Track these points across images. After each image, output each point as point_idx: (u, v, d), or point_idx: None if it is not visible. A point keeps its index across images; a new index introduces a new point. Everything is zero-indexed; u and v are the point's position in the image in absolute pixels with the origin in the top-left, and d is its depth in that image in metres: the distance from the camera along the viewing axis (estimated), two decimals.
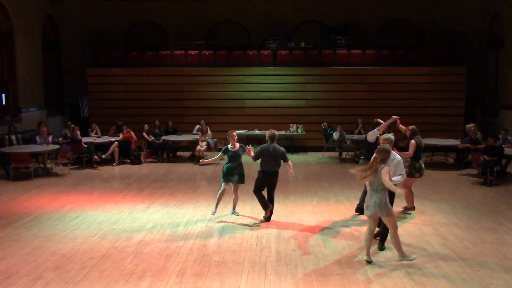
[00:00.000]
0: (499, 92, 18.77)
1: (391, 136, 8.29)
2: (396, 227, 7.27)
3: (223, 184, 9.60)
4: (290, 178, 9.57)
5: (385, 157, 7.17)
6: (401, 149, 10.53)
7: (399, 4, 20.15)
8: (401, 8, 20.16)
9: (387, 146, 7.53)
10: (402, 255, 7.33)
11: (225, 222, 9.41)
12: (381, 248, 7.82)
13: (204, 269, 7.08)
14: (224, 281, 6.67)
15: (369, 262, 7.23)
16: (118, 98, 18.53)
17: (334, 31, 19.96)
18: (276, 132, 9.61)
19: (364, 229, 8.56)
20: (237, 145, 9.66)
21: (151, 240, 8.33)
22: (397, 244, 7.29)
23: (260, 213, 9.61)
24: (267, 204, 9.33)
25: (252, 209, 10.11)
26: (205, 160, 10.61)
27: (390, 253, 7.68)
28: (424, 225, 9.16)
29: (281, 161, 9.35)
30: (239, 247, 8.00)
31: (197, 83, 18.45)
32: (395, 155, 7.77)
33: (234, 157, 9.51)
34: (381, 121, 9.69)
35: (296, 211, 10.21)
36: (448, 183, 12.87)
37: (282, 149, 9.40)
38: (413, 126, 9.90)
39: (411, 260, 7.30)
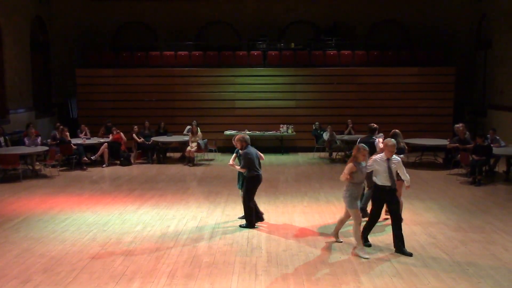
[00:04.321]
0: (487, 92, 18.93)
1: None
2: (359, 221, 7.70)
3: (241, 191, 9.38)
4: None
5: (354, 154, 7.76)
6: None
7: (388, 4, 20.24)
8: (390, 9, 20.25)
9: (362, 145, 7.81)
10: (359, 249, 7.66)
11: (215, 223, 9.39)
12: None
13: (194, 270, 7.07)
14: (214, 282, 6.67)
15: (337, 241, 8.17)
16: (107, 99, 18.42)
17: (324, 32, 20.01)
18: None
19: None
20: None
21: (141, 242, 8.31)
22: (357, 236, 7.70)
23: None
24: (254, 223, 9.16)
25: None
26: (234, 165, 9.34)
27: (380, 253, 7.73)
28: (413, 225, 9.22)
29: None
30: (229, 248, 7.99)
31: (187, 84, 18.40)
32: (396, 158, 7.88)
33: None
34: (377, 126, 9.91)
35: (287, 211, 10.22)
36: (437, 183, 12.95)
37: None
38: (394, 130, 9.80)
39: (364, 258, 7.51)
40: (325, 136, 16.58)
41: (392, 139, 8.04)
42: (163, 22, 20.44)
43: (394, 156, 7.82)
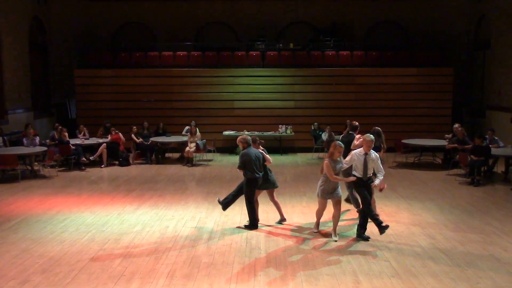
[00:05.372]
0: (485, 93, 18.95)
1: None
2: (321, 209, 8.57)
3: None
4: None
5: (331, 151, 8.27)
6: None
7: (387, 5, 20.27)
8: (388, 10, 20.28)
9: (338, 142, 8.41)
10: (315, 227, 8.77)
11: (214, 223, 9.39)
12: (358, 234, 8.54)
13: (193, 270, 7.06)
14: (213, 282, 6.66)
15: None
16: (106, 100, 18.40)
17: (323, 32, 20.02)
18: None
19: (354, 229, 8.64)
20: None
21: (140, 242, 8.30)
22: (318, 217, 8.74)
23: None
24: (257, 222, 9.10)
25: (242, 211, 10.07)
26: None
27: (379, 253, 7.73)
28: (412, 225, 9.22)
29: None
30: (228, 248, 7.99)
31: (185, 84, 18.39)
32: (374, 153, 8.39)
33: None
34: (358, 124, 10.41)
35: (285, 211, 10.18)
36: (436, 183, 12.95)
37: (259, 151, 9.17)
38: (376, 127, 9.97)
39: (314, 231, 8.70)
40: (324, 136, 16.57)
41: (371, 135, 8.47)
42: (162, 22, 20.44)
43: (372, 151, 8.28)
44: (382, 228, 8.24)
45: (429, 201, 11.05)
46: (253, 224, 9.04)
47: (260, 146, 9.30)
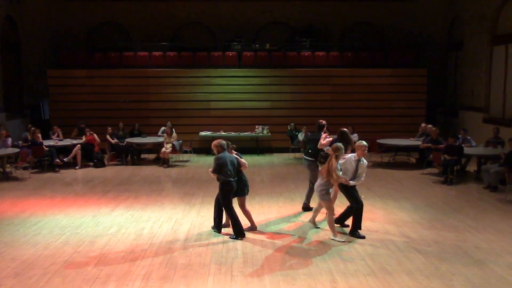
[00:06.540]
0: (458, 93, 19.28)
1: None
2: (332, 211, 8.43)
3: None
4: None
5: (336, 155, 8.25)
6: None
7: (362, 7, 20.47)
8: (364, 11, 20.48)
9: (338, 146, 8.36)
10: (334, 236, 8.41)
11: (190, 224, 9.35)
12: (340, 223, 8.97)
13: (170, 272, 7.02)
14: (190, 284, 6.63)
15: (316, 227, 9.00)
16: (80, 100, 18.14)
17: (299, 33, 20.11)
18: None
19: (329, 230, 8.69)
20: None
21: (115, 244, 8.21)
22: (331, 226, 8.47)
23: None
24: (243, 231, 8.66)
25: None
26: None
27: (355, 252, 7.80)
28: (387, 224, 9.32)
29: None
30: (205, 249, 7.96)
31: (161, 85, 18.26)
32: (364, 160, 8.56)
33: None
34: (325, 123, 10.45)
35: (262, 212, 10.23)
36: (411, 182, 13.12)
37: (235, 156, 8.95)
38: (341, 129, 10.02)
39: (341, 241, 8.29)
40: (300, 136, 16.64)
41: (363, 141, 8.55)
42: (138, 23, 20.28)
43: (363, 159, 8.47)
44: (355, 235, 8.53)
45: (404, 200, 11.20)
46: (238, 232, 8.58)
47: (233, 151, 8.98)
